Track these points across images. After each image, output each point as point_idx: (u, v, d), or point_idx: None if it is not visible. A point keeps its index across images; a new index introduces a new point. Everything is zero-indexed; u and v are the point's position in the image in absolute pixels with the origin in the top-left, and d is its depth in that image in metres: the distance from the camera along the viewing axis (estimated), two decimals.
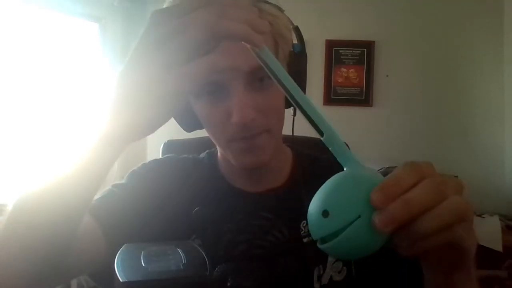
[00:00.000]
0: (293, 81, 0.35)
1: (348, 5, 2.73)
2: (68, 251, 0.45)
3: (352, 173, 0.34)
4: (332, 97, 2.74)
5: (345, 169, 0.35)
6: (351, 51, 2.73)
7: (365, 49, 2.71)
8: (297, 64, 0.62)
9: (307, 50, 0.63)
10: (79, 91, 2.57)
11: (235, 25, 0.33)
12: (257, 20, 0.35)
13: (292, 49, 0.62)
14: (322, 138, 0.35)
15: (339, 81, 2.74)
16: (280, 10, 0.59)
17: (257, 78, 0.54)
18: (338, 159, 0.35)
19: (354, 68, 2.73)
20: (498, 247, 2.12)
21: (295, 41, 0.63)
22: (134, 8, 2.77)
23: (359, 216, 0.31)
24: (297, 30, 0.63)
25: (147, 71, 0.34)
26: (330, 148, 0.35)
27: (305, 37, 0.64)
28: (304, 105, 0.35)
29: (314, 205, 0.33)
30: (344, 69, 2.73)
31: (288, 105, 0.62)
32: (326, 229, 0.32)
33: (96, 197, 0.60)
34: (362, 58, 2.72)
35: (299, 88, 0.35)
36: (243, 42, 0.35)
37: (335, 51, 2.72)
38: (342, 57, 2.73)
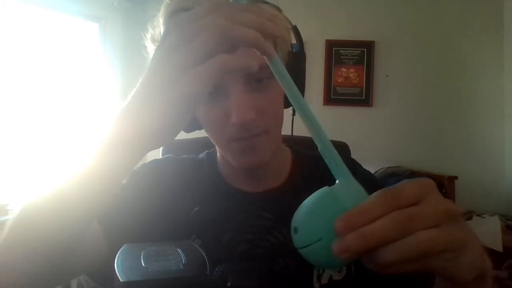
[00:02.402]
0: (298, 92, 0.36)
1: (348, 5, 2.73)
2: (73, 255, 0.45)
3: (330, 192, 0.35)
4: (332, 97, 2.74)
5: (337, 181, 0.36)
6: (351, 51, 2.73)
7: (365, 49, 2.72)
8: (296, 64, 0.62)
9: (307, 50, 0.63)
10: (79, 91, 2.58)
11: (246, 31, 0.33)
12: (268, 24, 0.35)
13: (291, 49, 0.62)
14: (318, 149, 0.37)
15: (339, 81, 2.74)
16: (279, 10, 0.59)
17: (255, 78, 0.54)
18: (332, 171, 0.36)
19: (354, 68, 2.73)
20: (498, 247, 2.12)
21: (293, 41, 0.63)
22: (134, 8, 2.77)
23: (320, 239, 0.33)
24: (295, 30, 0.63)
25: (162, 75, 0.34)
26: (325, 160, 0.36)
27: (305, 37, 0.64)
28: (306, 115, 0.36)
29: (293, 218, 0.36)
30: (344, 69, 2.73)
31: (286, 105, 0.63)
32: (295, 243, 0.35)
33: None
34: (362, 58, 2.72)
35: (303, 99, 0.37)
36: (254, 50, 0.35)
37: (335, 51, 2.72)
38: (342, 57, 2.73)
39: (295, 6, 2.75)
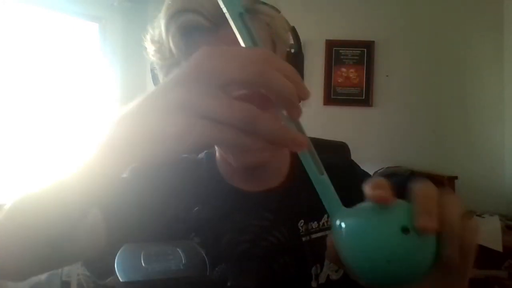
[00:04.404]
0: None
1: (348, 5, 2.73)
2: (69, 240, 0.45)
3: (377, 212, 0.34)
4: (332, 97, 2.74)
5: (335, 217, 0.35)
6: (351, 51, 2.73)
7: (365, 49, 2.71)
8: (294, 64, 0.63)
9: (307, 50, 0.64)
10: (79, 91, 2.58)
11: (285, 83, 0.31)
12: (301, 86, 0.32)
13: (289, 49, 0.62)
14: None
15: (339, 81, 2.74)
16: (277, 11, 0.60)
17: None
18: (326, 204, 0.36)
19: (354, 68, 2.73)
20: (498, 247, 2.12)
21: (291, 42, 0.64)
22: (134, 8, 2.77)
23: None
24: (293, 30, 0.63)
25: (165, 101, 0.31)
26: (319, 193, 0.36)
27: (305, 37, 0.64)
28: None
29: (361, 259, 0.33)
30: (344, 69, 2.73)
31: None
32: (400, 279, 0.33)
33: None
34: (362, 58, 2.72)
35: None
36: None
37: (335, 51, 2.72)
38: (342, 57, 2.73)
39: (295, 6, 2.75)
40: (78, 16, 2.61)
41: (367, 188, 0.33)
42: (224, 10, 0.35)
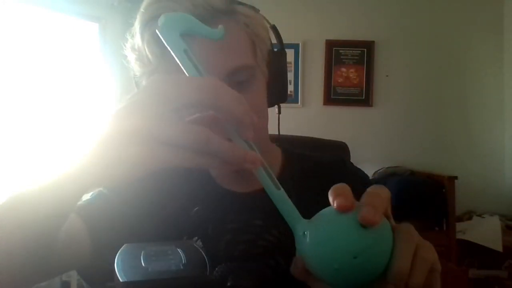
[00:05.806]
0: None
1: (348, 5, 2.73)
2: (53, 248, 0.45)
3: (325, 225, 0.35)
4: (332, 97, 2.74)
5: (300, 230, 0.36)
6: (351, 51, 2.73)
7: (365, 49, 2.72)
8: (277, 62, 0.63)
9: (307, 50, 0.64)
10: (79, 91, 2.58)
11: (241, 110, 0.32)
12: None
13: (271, 48, 0.62)
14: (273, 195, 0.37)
15: (339, 81, 2.74)
16: (255, 10, 0.60)
17: (236, 82, 0.54)
18: (288, 220, 0.37)
19: (354, 68, 2.73)
20: (498, 247, 2.12)
21: (274, 41, 0.65)
22: (134, 8, 2.76)
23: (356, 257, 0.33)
24: (274, 29, 0.64)
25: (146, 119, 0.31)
26: (278, 207, 0.37)
27: (305, 37, 0.65)
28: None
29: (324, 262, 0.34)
30: (344, 69, 2.73)
31: (270, 104, 0.64)
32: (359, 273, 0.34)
33: (85, 196, 0.60)
34: (362, 58, 2.72)
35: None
36: None
37: (335, 51, 2.72)
38: (342, 57, 2.73)
39: (295, 6, 2.76)
40: (78, 16, 2.61)
41: (330, 198, 0.34)
42: (169, 48, 0.37)
